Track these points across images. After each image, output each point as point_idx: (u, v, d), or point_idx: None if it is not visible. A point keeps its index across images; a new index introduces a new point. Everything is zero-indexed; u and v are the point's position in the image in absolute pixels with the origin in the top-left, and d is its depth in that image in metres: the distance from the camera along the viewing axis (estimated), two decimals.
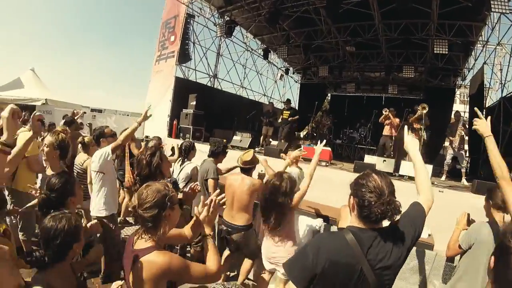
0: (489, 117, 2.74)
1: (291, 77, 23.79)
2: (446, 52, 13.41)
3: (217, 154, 5.18)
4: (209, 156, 5.22)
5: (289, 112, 13.12)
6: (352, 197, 1.89)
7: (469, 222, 3.40)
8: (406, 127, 2.66)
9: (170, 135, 13.74)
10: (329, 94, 24.35)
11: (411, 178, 8.50)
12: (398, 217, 1.83)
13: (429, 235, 4.60)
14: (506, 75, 13.91)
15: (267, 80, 23.10)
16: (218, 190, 2.50)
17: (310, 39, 16.20)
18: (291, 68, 22.51)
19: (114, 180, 4.35)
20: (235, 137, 12.85)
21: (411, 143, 2.44)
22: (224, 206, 2.38)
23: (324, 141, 4.16)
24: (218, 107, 15.78)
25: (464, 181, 9.62)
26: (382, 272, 1.75)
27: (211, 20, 16.61)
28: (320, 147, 3.94)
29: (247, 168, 4.47)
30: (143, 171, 3.27)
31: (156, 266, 1.86)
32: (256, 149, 11.80)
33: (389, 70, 17.42)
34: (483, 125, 2.68)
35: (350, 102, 22.08)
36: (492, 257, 1.42)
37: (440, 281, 4.16)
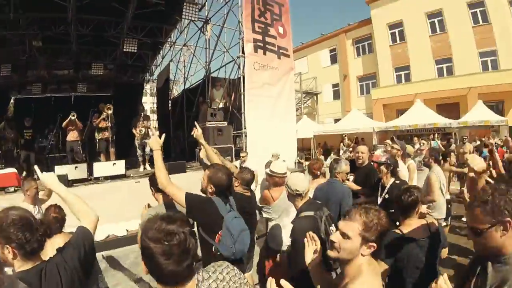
0: (163, 135, 3.36)
1: None
2: (136, 51, 14.53)
3: None
4: None
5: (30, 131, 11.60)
6: None
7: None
8: None
9: None
10: (12, 98, 20.06)
11: (108, 178, 9.01)
12: None
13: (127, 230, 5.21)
14: (189, 70, 16.40)
15: None
16: None
17: None
18: None
19: None
20: None
21: (50, 181, 2.41)
22: None
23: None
24: None
25: (147, 166, 10.98)
26: None
27: None
28: None
29: None
30: None
31: None
32: None
33: (78, 67, 17.25)
34: (153, 141, 3.19)
35: (38, 106, 19.08)
36: None
37: None
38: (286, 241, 4.08)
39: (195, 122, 4.33)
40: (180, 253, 1.48)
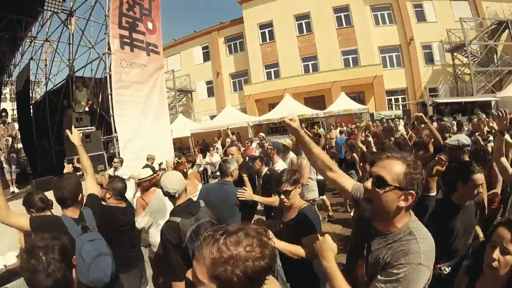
0: None
1: None
2: None
3: None
4: None
5: None
6: None
7: None
8: None
9: None
10: None
11: None
12: None
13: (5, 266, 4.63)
14: (51, 69, 14.87)
15: None
16: None
17: None
18: None
19: None
20: None
21: None
22: None
23: None
24: None
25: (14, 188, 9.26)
26: None
27: None
28: None
29: None
30: None
31: None
32: None
33: None
34: None
35: None
36: None
37: None
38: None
39: (73, 127, 3.73)
40: None
